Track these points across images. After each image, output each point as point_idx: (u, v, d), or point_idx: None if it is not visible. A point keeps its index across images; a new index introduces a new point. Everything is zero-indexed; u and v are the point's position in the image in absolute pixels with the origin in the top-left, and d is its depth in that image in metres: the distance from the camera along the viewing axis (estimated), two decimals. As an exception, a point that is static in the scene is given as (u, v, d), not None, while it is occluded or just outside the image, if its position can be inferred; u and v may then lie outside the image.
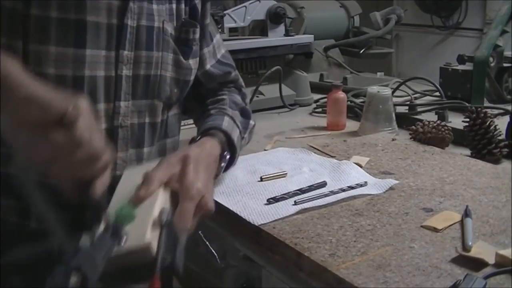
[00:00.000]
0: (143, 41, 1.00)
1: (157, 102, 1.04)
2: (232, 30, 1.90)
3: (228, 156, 1.04)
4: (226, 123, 1.08)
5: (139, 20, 0.99)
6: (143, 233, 0.71)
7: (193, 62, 1.10)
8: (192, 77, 1.11)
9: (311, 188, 1.09)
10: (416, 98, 1.84)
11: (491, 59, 1.71)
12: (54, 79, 0.90)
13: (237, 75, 1.26)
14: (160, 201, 0.80)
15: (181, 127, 1.17)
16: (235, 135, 1.08)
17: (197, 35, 1.11)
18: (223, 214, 1.05)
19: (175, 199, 0.85)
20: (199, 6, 1.12)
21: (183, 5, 1.09)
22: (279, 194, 1.06)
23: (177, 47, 1.06)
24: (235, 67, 1.26)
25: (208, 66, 1.17)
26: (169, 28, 1.05)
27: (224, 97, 1.17)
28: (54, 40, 0.90)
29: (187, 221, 0.82)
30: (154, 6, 1.02)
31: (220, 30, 1.76)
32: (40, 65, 0.90)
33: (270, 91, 1.83)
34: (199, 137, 1.03)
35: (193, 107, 1.19)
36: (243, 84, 1.27)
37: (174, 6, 1.07)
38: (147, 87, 1.02)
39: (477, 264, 0.81)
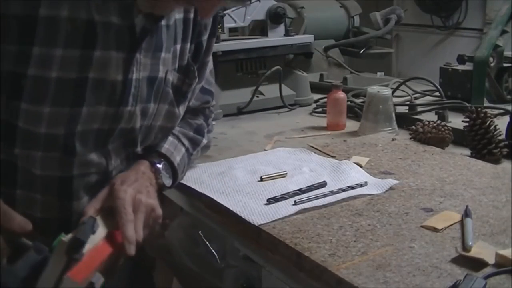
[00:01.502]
0: (144, 93, 0.95)
1: (139, 149, 1.02)
2: (232, 30, 1.89)
3: (159, 165, 1.02)
4: (167, 144, 1.06)
5: (144, 71, 0.94)
6: None
7: (182, 108, 1.07)
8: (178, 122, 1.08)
9: (311, 188, 1.09)
10: (416, 98, 1.84)
11: (491, 59, 1.71)
12: (44, 138, 0.87)
13: (212, 106, 1.22)
14: None
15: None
16: (178, 154, 1.06)
17: (195, 85, 1.07)
18: (223, 214, 1.05)
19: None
20: (204, 43, 1.07)
21: (188, 44, 1.04)
22: (279, 194, 1.06)
23: (174, 97, 1.02)
24: (214, 94, 1.22)
25: (192, 101, 1.13)
26: (171, 78, 1.00)
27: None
28: (50, 101, 0.85)
29: (127, 217, 0.85)
30: (162, 55, 0.96)
31: (220, 30, 1.76)
32: (31, 124, 0.86)
33: (270, 91, 1.83)
34: None
35: None
36: (213, 103, 1.23)
37: (178, 46, 1.01)
38: (134, 138, 0.99)
39: (477, 264, 0.80)
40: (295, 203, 1.02)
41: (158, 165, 1.02)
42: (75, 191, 0.93)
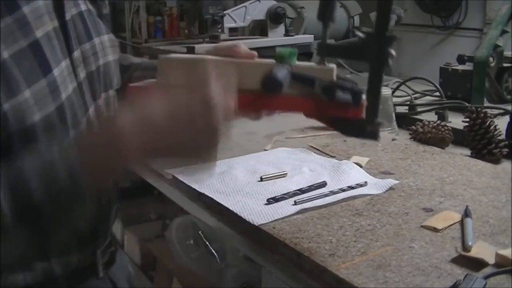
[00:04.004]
0: (82, 32, 0.87)
1: (112, 92, 0.93)
2: (232, 30, 1.90)
3: None
4: None
5: (72, 8, 0.86)
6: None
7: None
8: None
9: (311, 188, 1.09)
10: (416, 98, 1.84)
11: (491, 59, 1.72)
12: (41, 123, 0.75)
13: None
14: None
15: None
16: None
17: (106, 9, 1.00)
18: (223, 214, 1.05)
19: None
20: None
21: None
22: (279, 194, 1.05)
23: (104, 24, 0.95)
24: None
25: None
26: (91, 7, 0.93)
27: None
28: (24, 83, 0.74)
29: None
30: None
31: (220, 30, 1.76)
32: (25, 118, 0.73)
33: (270, 91, 1.83)
34: None
35: None
36: None
37: None
38: (102, 81, 0.90)
39: (477, 264, 0.80)
40: (295, 203, 1.02)
41: None
42: None
